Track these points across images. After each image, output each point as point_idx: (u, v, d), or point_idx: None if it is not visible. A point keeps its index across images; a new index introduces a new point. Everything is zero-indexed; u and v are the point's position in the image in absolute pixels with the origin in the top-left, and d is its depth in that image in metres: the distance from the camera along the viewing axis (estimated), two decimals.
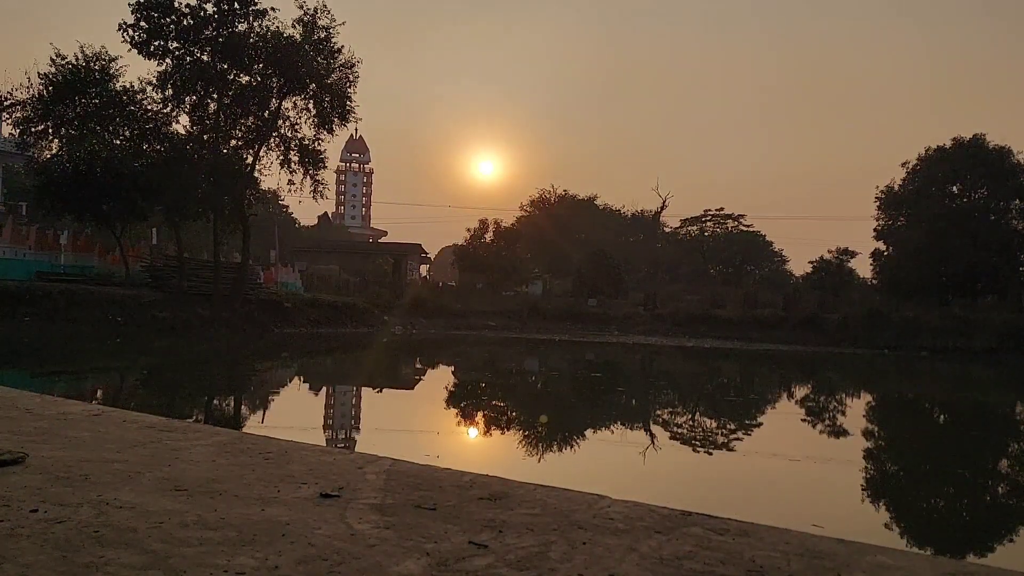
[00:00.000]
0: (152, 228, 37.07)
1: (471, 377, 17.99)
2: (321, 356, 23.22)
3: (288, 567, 2.22)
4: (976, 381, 23.79)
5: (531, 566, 2.32)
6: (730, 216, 69.92)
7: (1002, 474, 8.86)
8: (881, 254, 47.12)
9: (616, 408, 13.18)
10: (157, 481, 3.26)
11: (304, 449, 4.40)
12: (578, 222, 65.39)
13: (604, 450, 8.87)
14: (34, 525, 2.51)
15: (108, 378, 14.60)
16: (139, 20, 26.64)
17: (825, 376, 23.68)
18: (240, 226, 30.42)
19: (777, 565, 2.44)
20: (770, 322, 42.37)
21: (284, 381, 16.57)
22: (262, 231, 48.19)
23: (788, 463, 8.50)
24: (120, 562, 2.20)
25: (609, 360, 25.23)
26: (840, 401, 16.72)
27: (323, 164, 30.58)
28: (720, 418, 12.38)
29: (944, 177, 44.43)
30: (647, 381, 19.16)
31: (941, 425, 13.59)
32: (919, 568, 2.57)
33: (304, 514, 2.81)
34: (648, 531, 2.78)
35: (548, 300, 50.83)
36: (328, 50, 28.62)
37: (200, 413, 10.20)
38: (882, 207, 46.55)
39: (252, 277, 33.49)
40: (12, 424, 4.63)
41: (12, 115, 27.71)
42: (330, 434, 9.25)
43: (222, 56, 27.65)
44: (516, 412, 11.91)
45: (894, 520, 6.09)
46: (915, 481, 8.11)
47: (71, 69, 26.94)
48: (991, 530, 6.03)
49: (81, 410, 5.58)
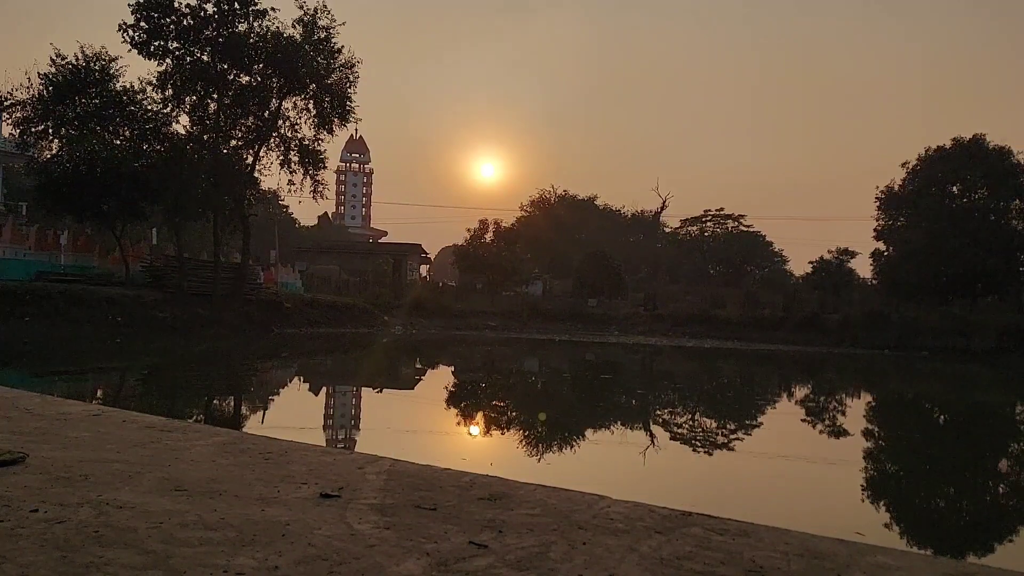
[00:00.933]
0: (152, 228, 37.06)
1: (471, 377, 17.99)
2: (321, 356, 23.21)
3: (288, 567, 2.22)
4: (976, 381, 23.79)
5: (531, 566, 2.32)
6: (730, 216, 69.90)
7: (1002, 474, 8.86)
8: (881, 254, 47.12)
9: (616, 408, 13.17)
10: (157, 481, 3.26)
11: (304, 449, 4.40)
12: (578, 222, 65.39)
13: (604, 450, 8.87)
14: (34, 525, 2.51)
15: (108, 378, 14.59)
16: (139, 20, 26.67)
17: (825, 376, 23.67)
18: (240, 226, 30.44)
19: (777, 565, 2.44)
20: (770, 322, 42.38)
21: (284, 381, 16.57)
22: (262, 231, 48.18)
23: (788, 463, 8.50)
24: (120, 562, 2.20)
25: (609, 360, 25.23)
26: (840, 401, 16.72)
27: (323, 164, 30.64)
28: (720, 418, 12.37)
29: (944, 177, 44.42)
30: (647, 381, 19.15)
31: (941, 425, 13.59)
32: (919, 568, 2.57)
33: (304, 514, 2.81)
34: (648, 531, 2.78)
35: (548, 300, 50.85)
36: (328, 50, 28.64)
37: (200, 413, 10.19)
38: (882, 207, 46.54)
39: (252, 277, 33.50)
40: (12, 424, 4.63)
41: (12, 115, 27.73)
42: (330, 434, 9.25)
43: (222, 56, 27.66)
44: (516, 412, 11.91)
45: (894, 520, 6.09)
46: (915, 481, 8.10)
47: (71, 69, 26.95)
48: (991, 530, 6.03)
49: (81, 410, 5.58)
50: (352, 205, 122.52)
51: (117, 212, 28.59)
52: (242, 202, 29.95)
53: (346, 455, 4.53)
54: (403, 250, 58.39)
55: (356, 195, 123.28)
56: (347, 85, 29.48)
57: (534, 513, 2.97)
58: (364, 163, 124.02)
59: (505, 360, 23.87)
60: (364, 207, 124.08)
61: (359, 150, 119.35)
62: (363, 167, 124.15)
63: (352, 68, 29.40)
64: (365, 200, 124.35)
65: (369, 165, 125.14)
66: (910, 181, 45.33)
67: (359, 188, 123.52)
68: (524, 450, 8.43)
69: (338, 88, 29.31)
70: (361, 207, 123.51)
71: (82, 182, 26.28)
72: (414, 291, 47.03)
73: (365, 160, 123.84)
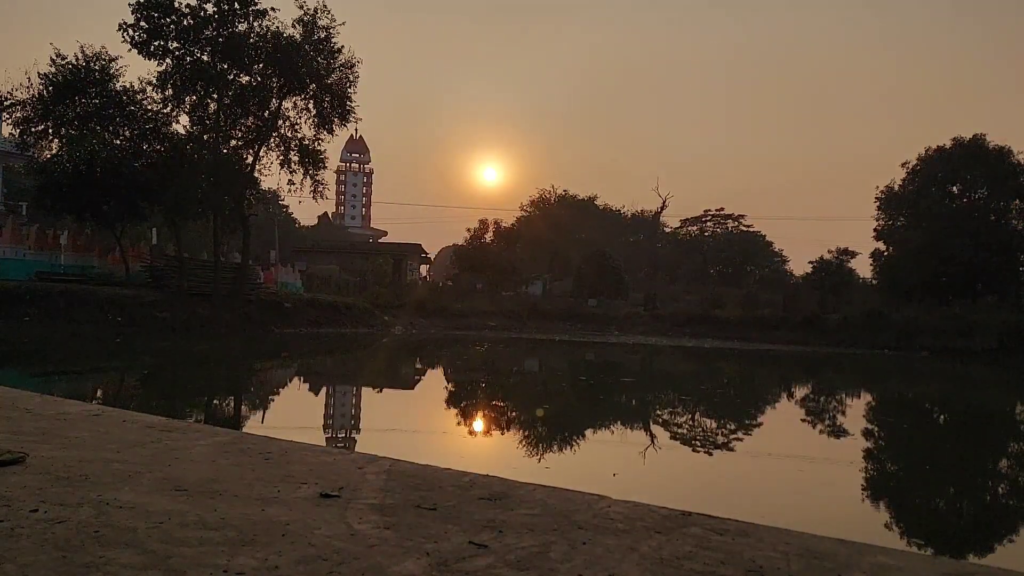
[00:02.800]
0: (152, 228, 37.06)
1: (471, 377, 17.99)
2: (321, 356, 23.21)
3: (288, 567, 2.22)
4: (976, 381, 23.79)
5: (531, 566, 2.32)
6: (730, 216, 70.00)
7: (1002, 474, 8.86)
8: (881, 254, 47.14)
9: (616, 408, 13.17)
10: (157, 481, 3.26)
11: (304, 449, 4.40)
12: (578, 222, 65.43)
13: (604, 450, 8.87)
14: (34, 525, 2.51)
15: (108, 378, 14.59)
16: (139, 20, 26.68)
17: (825, 376, 23.67)
18: (240, 226, 30.45)
19: (777, 566, 2.44)
20: (770, 322, 42.39)
21: (284, 381, 16.57)
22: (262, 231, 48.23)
23: (788, 463, 8.50)
24: (120, 562, 2.20)
25: (609, 360, 25.23)
26: (840, 401, 16.72)
27: (323, 164, 30.63)
28: (720, 418, 12.37)
29: (944, 177, 44.45)
30: (647, 381, 19.15)
31: (941, 425, 13.59)
32: (919, 568, 2.57)
33: (304, 514, 2.81)
34: (648, 531, 2.78)
35: (548, 300, 50.85)
36: (328, 50, 28.64)
37: (200, 413, 10.19)
38: (882, 207, 46.57)
39: (252, 277, 33.50)
40: (12, 424, 4.63)
41: (12, 115, 27.73)
42: (330, 434, 9.25)
43: (222, 56, 27.66)
44: (516, 412, 11.91)
45: (894, 520, 6.09)
46: (915, 481, 8.10)
47: (71, 69, 26.96)
48: (991, 530, 6.03)
49: (81, 410, 5.58)
50: (352, 205, 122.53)
51: (117, 212, 28.60)
52: (242, 202, 29.96)
53: (346, 455, 4.53)
54: (403, 250, 58.45)
55: (356, 195, 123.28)
56: (347, 85, 29.49)
57: (534, 513, 2.97)
58: (364, 163, 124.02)
59: (505, 360, 23.87)
60: (364, 207, 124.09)
61: (359, 150, 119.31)
62: (363, 167, 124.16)
63: (352, 68, 29.42)
64: (365, 200, 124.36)
65: (369, 165, 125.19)
66: (910, 181, 45.36)
67: (359, 188, 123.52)
68: (524, 450, 8.43)
69: (338, 88, 29.31)
70: (361, 207, 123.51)
71: (82, 182, 26.28)
72: (414, 291, 47.05)
73: (365, 160, 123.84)
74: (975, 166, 43.04)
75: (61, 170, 26.81)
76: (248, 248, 31.32)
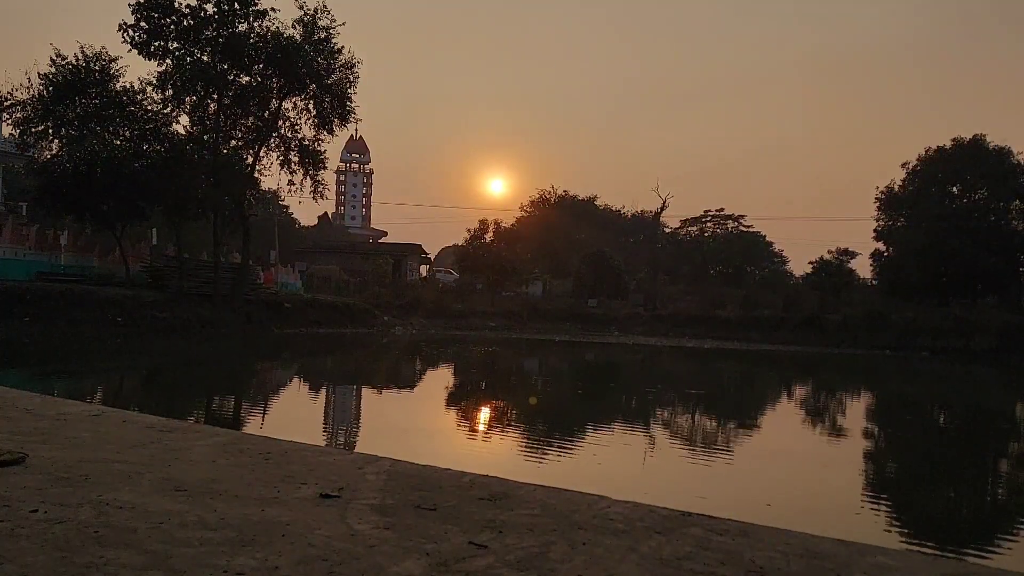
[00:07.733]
0: (152, 228, 37.04)
1: (471, 377, 17.98)
2: (321, 356, 23.20)
3: (288, 567, 2.22)
4: (976, 381, 23.79)
5: (531, 566, 2.32)
6: (730, 216, 69.83)
7: (1002, 474, 8.86)
8: (881, 255, 47.13)
9: (616, 408, 13.17)
10: (157, 481, 3.26)
11: (304, 449, 4.40)
12: (578, 223, 65.38)
13: (604, 450, 8.86)
14: (34, 525, 2.51)
15: (108, 378, 14.59)
16: (139, 20, 26.65)
17: (825, 377, 23.67)
18: (240, 226, 30.44)
19: (777, 565, 2.44)
20: (770, 323, 42.36)
21: (284, 381, 16.56)
22: (262, 231, 48.18)
23: (788, 463, 8.50)
24: (120, 562, 2.20)
25: (609, 361, 25.23)
26: (840, 401, 16.72)
27: (323, 164, 30.64)
28: (720, 418, 12.37)
29: (944, 177, 44.44)
30: (647, 381, 19.14)
31: (941, 425, 13.59)
32: (919, 568, 2.57)
33: (304, 514, 2.81)
34: (648, 531, 2.78)
35: (548, 301, 50.82)
36: (328, 50, 28.64)
37: (200, 413, 10.19)
38: (882, 207, 46.57)
39: (252, 277, 33.49)
40: (12, 424, 4.63)
41: (12, 115, 27.72)
42: (330, 434, 9.24)
43: (222, 56, 27.65)
44: (516, 412, 11.90)
45: (894, 520, 6.09)
46: (915, 481, 8.10)
47: (71, 69, 26.95)
48: (991, 530, 6.03)
49: (81, 410, 5.58)
50: (352, 205, 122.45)
51: (117, 212, 28.58)
52: (242, 202, 29.95)
53: (346, 455, 4.53)
54: (403, 250, 58.44)
55: (356, 195, 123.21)
56: (347, 85, 29.49)
57: (534, 513, 2.97)
58: (364, 163, 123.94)
59: (505, 360, 23.86)
60: (364, 207, 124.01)
61: (359, 150, 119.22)
62: (363, 167, 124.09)
63: (352, 68, 29.40)
64: (365, 200, 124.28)
65: (369, 165, 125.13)
66: (910, 181, 45.36)
67: (359, 188, 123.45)
68: (524, 450, 8.43)
69: (338, 88, 29.31)
70: (361, 207, 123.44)
71: (82, 182, 26.27)
72: (414, 291, 47.03)
73: (365, 160, 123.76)
74: (975, 166, 43.03)
75: (61, 170, 26.80)
76: (248, 248, 31.31)
